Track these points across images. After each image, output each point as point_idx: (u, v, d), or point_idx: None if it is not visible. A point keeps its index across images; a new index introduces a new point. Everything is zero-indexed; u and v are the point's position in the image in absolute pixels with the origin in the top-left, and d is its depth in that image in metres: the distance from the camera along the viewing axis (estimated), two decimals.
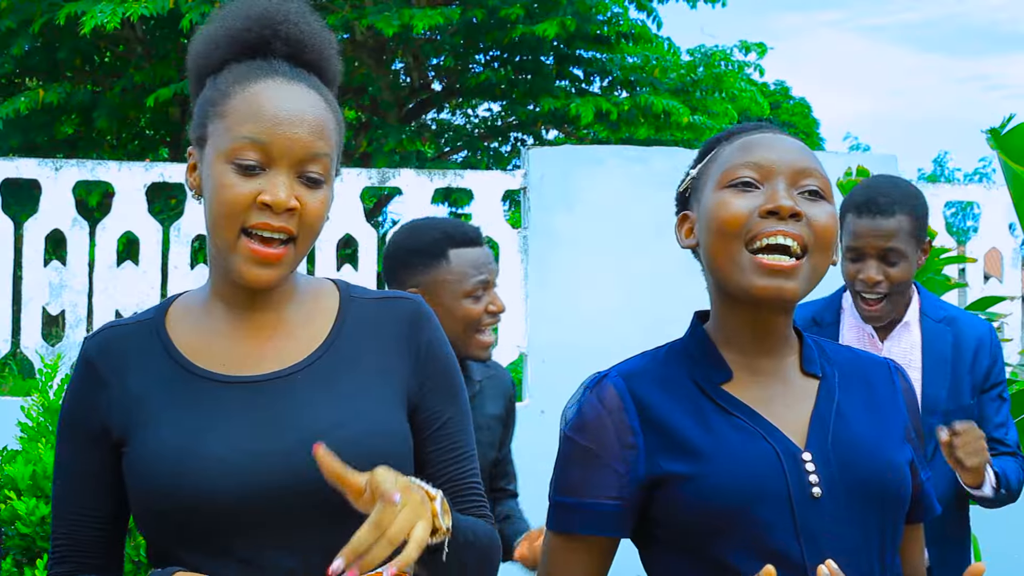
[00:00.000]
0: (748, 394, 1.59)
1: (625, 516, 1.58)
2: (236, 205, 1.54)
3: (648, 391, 1.59)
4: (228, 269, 1.58)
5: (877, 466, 1.58)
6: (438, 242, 2.63)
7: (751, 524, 1.52)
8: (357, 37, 12.98)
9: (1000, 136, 3.23)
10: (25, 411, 3.32)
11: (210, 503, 1.51)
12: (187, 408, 1.56)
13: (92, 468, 1.61)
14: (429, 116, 15.27)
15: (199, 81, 1.65)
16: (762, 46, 14.36)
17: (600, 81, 14.05)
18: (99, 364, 1.61)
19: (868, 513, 1.56)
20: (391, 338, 1.64)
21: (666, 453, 1.56)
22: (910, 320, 2.84)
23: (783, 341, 1.63)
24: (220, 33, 1.63)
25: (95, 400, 1.60)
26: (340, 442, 1.48)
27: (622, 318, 5.28)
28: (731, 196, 1.58)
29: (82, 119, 13.52)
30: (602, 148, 5.76)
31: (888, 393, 1.66)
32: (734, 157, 1.61)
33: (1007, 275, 5.95)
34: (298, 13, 1.64)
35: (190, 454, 1.52)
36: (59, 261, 5.57)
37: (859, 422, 1.60)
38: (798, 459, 1.55)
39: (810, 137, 28.64)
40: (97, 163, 5.64)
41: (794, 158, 1.59)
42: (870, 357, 1.72)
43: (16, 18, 12.13)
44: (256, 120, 1.55)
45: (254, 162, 1.54)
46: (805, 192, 1.58)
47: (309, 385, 1.58)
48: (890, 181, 2.87)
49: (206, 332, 1.62)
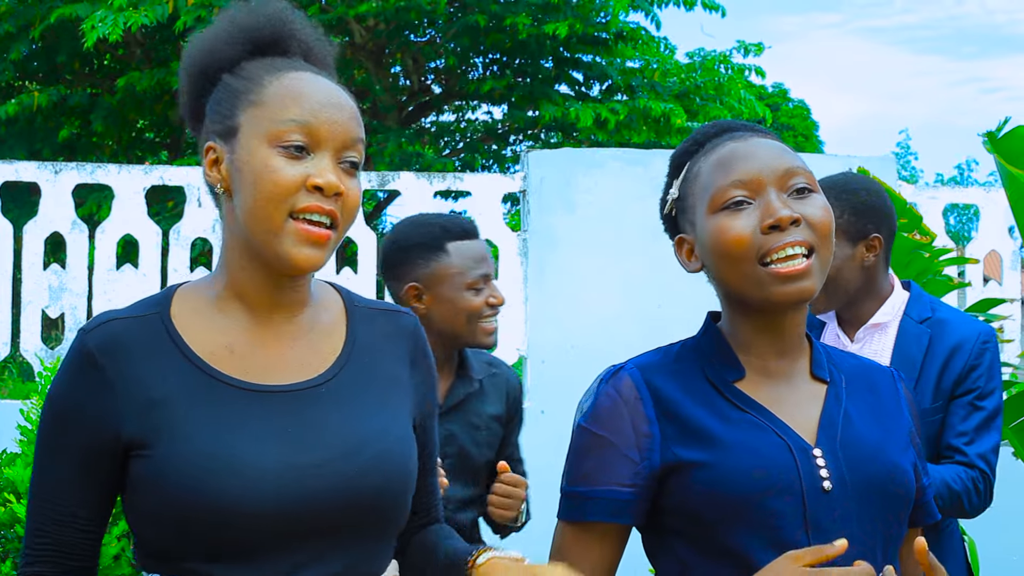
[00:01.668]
0: (759, 393, 1.63)
1: (638, 504, 1.61)
2: (286, 188, 1.52)
3: (663, 383, 1.63)
4: (272, 254, 1.53)
5: (883, 466, 1.61)
6: (436, 236, 2.66)
7: (763, 513, 1.54)
8: (357, 40, 12.99)
9: (997, 139, 3.23)
10: (24, 414, 3.33)
11: (246, 513, 1.47)
12: (215, 416, 1.51)
13: (89, 470, 1.53)
14: (429, 119, 15.28)
15: (206, 78, 1.61)
16: (759, 46, 14.37)
17: (600, 85, 14.06)
18: (103, 362, 1.52)
19: (874, 510, 1.59)
20: (399, 352, 1.67)
21: (681, 441, 1.59)
22: (887, 322, 2.76)
23: (795, 344, 1.66)
24: (234, 31, 1.61)
25: (100, 401, 1.51)
26: (372, 457, 1.54)
27: (622, 319, 5.28)
28: (728, 219, 1.60)
29: (81, 123, 13.53)
30: (601, 151, 5.76)
31: (892, 400, 1.70)
32: (717, 178, 1.62)
33: (1007, 277, 5.96)
34: (304, 19, 1.66)
35: (227, 463, 1.48)
36: (59, 264, 5.57)
37: (866, 425, 1.64)
38: (809, 454, 1.58)
39: (809, 140, 28.62)
40: (97, 166, 5.63)
41: (776, 162, 1.62)
42: (874, 365, 1.75)
43: (15, 23, 12.15)
44: (299, 104, 1.54)
45: (302, 143, 1.53)
46: (795, 191, 1.61)
47: (334, 398, 1.58)
48: (836, 176, 2.79)
49: (222, 333, 1.57)
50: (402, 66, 14.27)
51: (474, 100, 14.50)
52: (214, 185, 1.58)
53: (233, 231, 1.58)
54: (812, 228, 1.59)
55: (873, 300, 2.76)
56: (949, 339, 2.70)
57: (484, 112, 15.48)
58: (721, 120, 1.75)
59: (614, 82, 13.69)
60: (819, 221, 1.59)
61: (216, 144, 1.57)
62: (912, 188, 5.96)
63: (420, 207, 5.63)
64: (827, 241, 1.60)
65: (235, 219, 1.56)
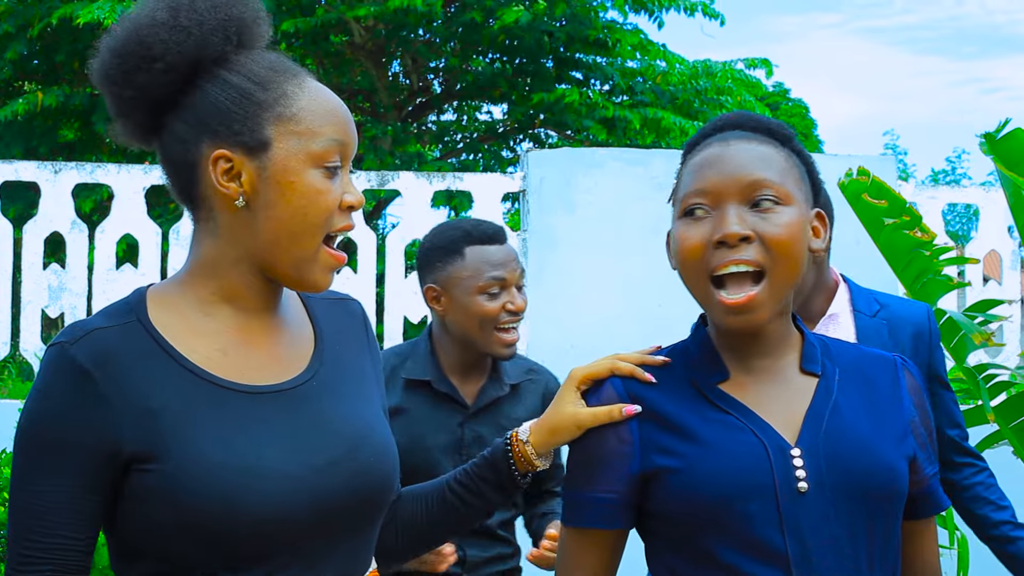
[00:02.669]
0: (744, 392, 1.62)
1: (622, 509, 1.63)
2: (330, 211, 1.50)
3: (644, 390, 1.64)
4: (296, 277, 1.52)
5: (867, 463, 1.58)
6: (456, 240, 2.67)
7: (736, 517, 1.54)
8: (356, 39, 12.98)
9: (995, 141, 3.22)
10: None
11: (274, 518, 1.45)
12: (223, 422, 1.47)
13: (92, 489, 1.45)
14: (430, 119, 15.27)
15: (192, 71, 1.51)
16: (768, 63, 14.38)
17: (600, 85, 14.06)
18: (96, 375, 1.44)
19: (855, 509, 1.56)
20: (355, 340, 1.68)
21: (659, 449, 1.60)
22: (837, 311, 2.74)
23: (779, 342, 1.65)
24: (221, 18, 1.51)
25: (96, 417, 1.43)
26: (371, 451, 1.56)
27: (621, 320, 5.28)
28: (686, 228, 1.60)
29: (82, 123, 13.52)
30: (601, 151, 5.76)
31: (890, 390, 1.67)
32: (687, 183, 1.62)
33: (1006, 277, 5.95)
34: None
35: (249, 470, 1.44)
36: (58, 264, 5.57)
37: (855, 419, 1.61)
38: (786, 454, 1.56)
39: (808, 139, 28.62)
40: (96, 166, 5.63)
41: (741, 172, 1.59)
42: (877, 355, 1.71)
43: (14, 22, 12.15)
44: (334, 122, 1.52)
45: (339, 164, 1.52)
46: (760, 204, 1.58)
47: (323, 393, 1.57)
48: None
49: (212, 337, 1.52)
50: (402, 66, 14.27)
51: (474, 100, 14.50)
52: (237, 199, 1.50)
53: (237, 243, 1.52)
54: (767, 246, 1.56)
55: (822, 293, 2.76)
56: (905, 328, 2.73)
57: (484, 112, 15.49)
58: (728, 115, 1.72)
59: (615, 83, 13.69)
60: (776, 238, 1.56)
61: (232, 154, 1.50)
62: (912, 188, 5.96)
63: (420, 207, 5.64)
64: (785, 259, 1.56)
65: (249, 232, 1.51)
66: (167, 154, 1.55)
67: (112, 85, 1.53)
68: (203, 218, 1.55)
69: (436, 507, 1.73)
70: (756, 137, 1.65)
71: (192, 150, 1.52)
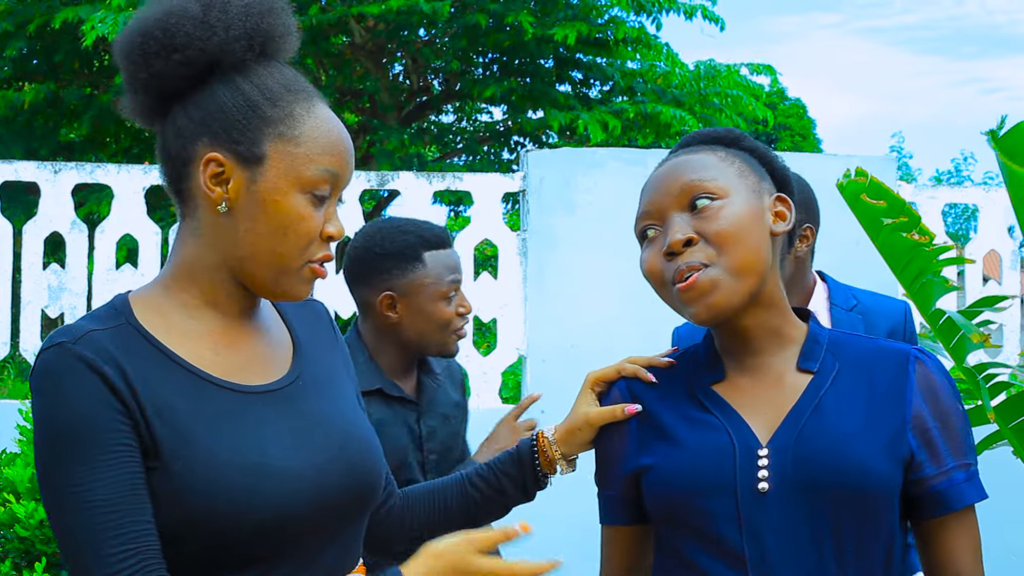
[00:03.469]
0: (736, 392, 1.65)
1: (623, 506, 1.71)
2: (310, 238, 1.52)
3: (645, 391, 1.72)
4: (272, 288, 1.53)
5: (838, 462, 1.55)
6: (413, 245, 2.64)
7: (698, 514, 1.58)
8: (356, 39, 12.98)
9: (998, 137, 3.22)
10: (24, 414, 3.33)
11: (286, 518, 1.46)
12: (226, 422, 1.47)
13: (139, 469, 1.42)
14: (431, 119, 15.27)
15: (208, 70, 1.51)
16: (772, 70, 14.39)
17: (601, 86, 14.05)
18: (104, 369, 1.42)
19: (820, 509, 1.55)
20: (326, 340, 1.71)
21: (647, 447, 1.67)
22: (815, 308, 2.73)
23: (770, 339, 1.66)
24: (247, 27, 1.51)
25: (117, 404, 1.42)
26: (361, 446, 1.60)
27: (621, 320, 5.28)
28: (645, 251, 1.67)
29: (80, 124, 13.53)
30: (601, 151, 5.75)
31: (891, 386, 1.62)
32: (637, 211, 1.69)
33: (1006, 277, 5.95)
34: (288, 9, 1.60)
35: (260, 470, 1.45)
36: (58, 264, 5.57)
37: (840, 418, 1.59)
38: (753, 453, 1.58)
39: (807, 139, 28.60)
40: (96, 166, 5.63)
41: (672, 184, 1.64)
42: (890, 348, 1.67)
43: (13, 21, 12.15)
44: (332, 153, 1.53)
45: (328, 193, 1.53)
46: (697, 206, 1.62)
47: (311, 392, 1.59)
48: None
49: (202, 339, 1.53)
50: (402, 66, 14.26)
51: (474, 100, 14.50)
52: (219, 203, 1.50)
53: (217, 247, 1.52)
54: (712, 242, 1.60)
55: (801, 291, 2.78)
56: (881, 324, 2.77)
57: (485, 113, 15.48)
58: (680, 141, 1.76)
59: (616, 84, 13.68)
60: (716, 232, 1.60)
61: (226, 159, 1.50)
62: (911, 188, 5.97)
63: (420, 207, 5.63)
64: (732, 248, 1.59)
65: (229, 239, 1.51)
66: (164, 142, 1.55)
67: (129, 63, 1.53)
68: (188, 215, 1.55)
69: (455, 501, 1.80)
70: (697, 149, 1.69)
71: (188, 146, 1.52)
